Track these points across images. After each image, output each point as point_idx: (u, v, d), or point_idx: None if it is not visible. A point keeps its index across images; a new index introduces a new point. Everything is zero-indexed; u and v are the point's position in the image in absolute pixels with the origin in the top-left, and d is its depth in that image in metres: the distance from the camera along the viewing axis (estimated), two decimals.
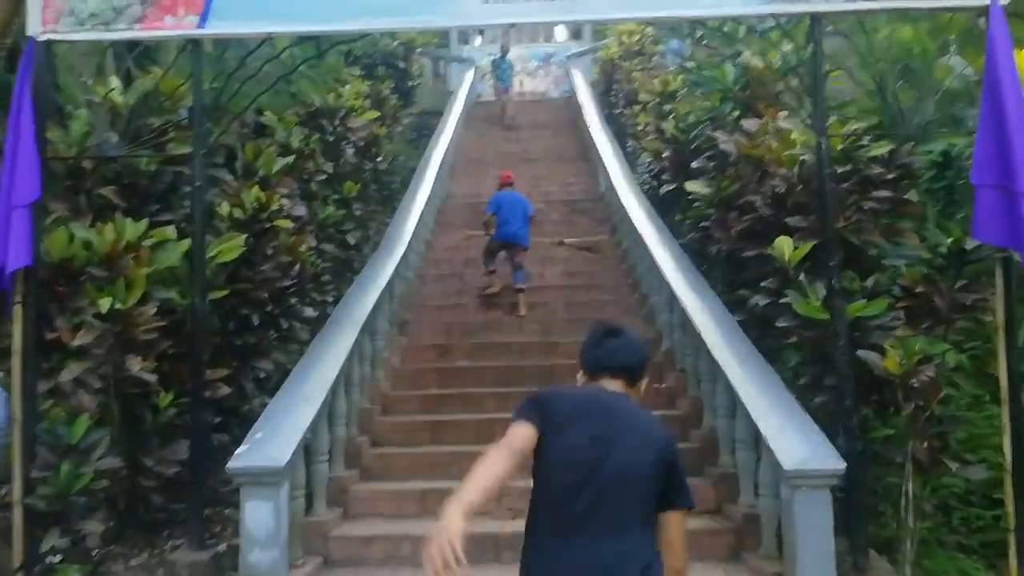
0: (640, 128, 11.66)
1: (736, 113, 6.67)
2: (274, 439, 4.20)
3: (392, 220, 8.91)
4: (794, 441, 4.10)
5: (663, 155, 8.48)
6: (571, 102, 17.90)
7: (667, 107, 9.54)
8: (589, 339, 2.37)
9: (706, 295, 6.15)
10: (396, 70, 13.03)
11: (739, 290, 6.06)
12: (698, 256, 7.19)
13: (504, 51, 17.24)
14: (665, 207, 8.61)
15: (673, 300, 6.52)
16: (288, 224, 5.52)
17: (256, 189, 5.33)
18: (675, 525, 2.17)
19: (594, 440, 2.09)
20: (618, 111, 13.82)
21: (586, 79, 17.05)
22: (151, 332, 4.39)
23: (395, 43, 13.12)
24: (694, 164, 7.05)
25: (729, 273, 6.56)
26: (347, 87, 8.57)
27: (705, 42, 7.27)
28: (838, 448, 4.09)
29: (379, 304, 6.70)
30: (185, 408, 4.51)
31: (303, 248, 5.69)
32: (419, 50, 13.74)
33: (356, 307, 6.15)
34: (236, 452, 4.16)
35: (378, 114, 9.21)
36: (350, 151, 8.38)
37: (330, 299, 7.02)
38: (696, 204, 7.23)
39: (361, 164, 9.66)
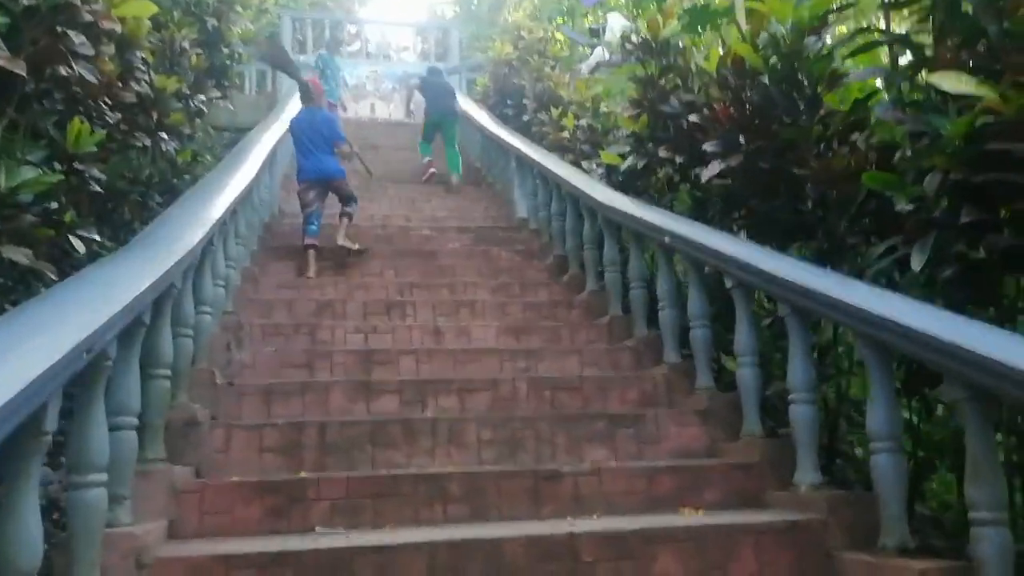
0: (566, 135, 8.43)
1: None
2: None
3: (164, 212, 4.32)
4: None
5: (690, 120, 4.67)
6: None
7: (665, 61, 5.83)
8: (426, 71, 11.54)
9: None
10: (204, 28, 8.50)
11: None
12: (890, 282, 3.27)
13: (330, 46, 13.79)
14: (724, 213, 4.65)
15: None
16: None
17: None
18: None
19: (436, 90, 10.16)
20: (526, 119, 10.10)
21: (461, 96, 13.24)
22: None
23: None
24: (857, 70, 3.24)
25: None
26: None
27: None
28: None
29: (93, 376, 2.22)
30: None
31: None
32: (240, 7, 9.23)
33: None
34: None
35: (155, 8, 4.63)
36: (84, 54, 3.81)
37: None
38: (792, 175, 3.45)
39: (131, 133, 5.13)
